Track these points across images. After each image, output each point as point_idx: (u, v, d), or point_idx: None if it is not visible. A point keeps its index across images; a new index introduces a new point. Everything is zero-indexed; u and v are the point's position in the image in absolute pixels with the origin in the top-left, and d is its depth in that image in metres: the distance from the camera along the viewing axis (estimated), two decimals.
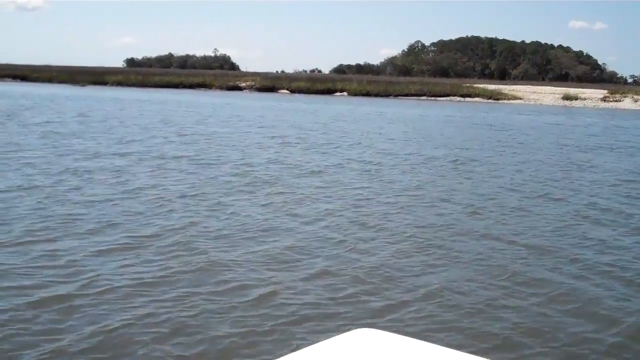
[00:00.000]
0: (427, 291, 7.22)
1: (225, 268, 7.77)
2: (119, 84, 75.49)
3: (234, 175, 14.75)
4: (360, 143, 23.47)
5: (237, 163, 16.69)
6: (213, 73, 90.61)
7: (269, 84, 76.12)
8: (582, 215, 11.84)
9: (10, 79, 79.02)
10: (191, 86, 75.85)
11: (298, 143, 22.35)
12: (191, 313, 6.30)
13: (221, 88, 75.55)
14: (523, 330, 6.29)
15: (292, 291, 7.08)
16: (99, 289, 6.84)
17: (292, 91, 73.63)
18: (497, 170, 17.66)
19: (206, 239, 9.11)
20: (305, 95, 69.77)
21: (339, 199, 12.53)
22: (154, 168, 15.24)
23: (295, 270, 7.89)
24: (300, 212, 11.05)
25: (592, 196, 13.92)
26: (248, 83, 77.00)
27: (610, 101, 69.89)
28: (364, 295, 7.04)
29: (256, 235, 9.45)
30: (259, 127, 28.50)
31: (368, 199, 12.68)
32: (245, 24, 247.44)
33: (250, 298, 6.82)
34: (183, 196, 12.00)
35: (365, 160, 18.53)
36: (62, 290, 6.78)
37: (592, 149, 24.79)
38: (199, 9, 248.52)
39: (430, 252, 8.90)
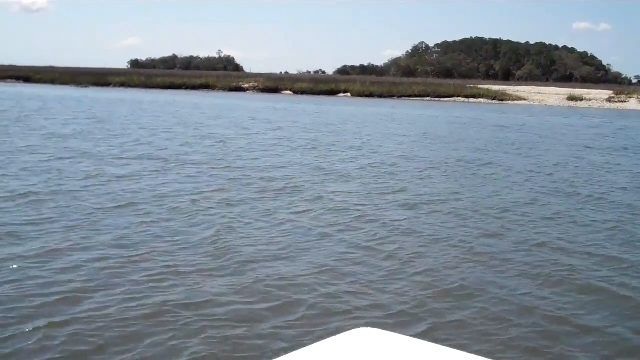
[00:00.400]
0: (503, 309, 6.75)
1: (279, 283, 7.27)
2: (122, 85, 74.99)
3: (265, 180, 14.11)
4: (381, 145, 22.85)
5: (264, 168, 16.07)
6: (216, 74, 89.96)
7: (272, 85, 75.51)
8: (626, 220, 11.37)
9: (13, 80, 78.52)
10: (194, 87, 75.29)
11: (314, 147, 21.49)
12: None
13: (224, 89, 74.96)
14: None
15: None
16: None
17: (295, 92, 73.00)
18: (524, 173, 17.07)
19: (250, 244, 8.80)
20: (309, 96, 69.18)
21: (376, 205, 11.97)
22: (191, 174, 14.67)
23: (343, 280, 7.45)
24: (336, 220, 10.49)
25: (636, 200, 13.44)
26: (251, 84, 76.37)
27: (616, 102, 69.11)
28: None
29: (299, 242, 9.09)
30: (273, 130, 27.72)
31: (405, 204, 12.11)
32: (250, 25, 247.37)
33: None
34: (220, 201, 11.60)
35: (392, 164, 17.87)
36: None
37: (611, 150, 24.19)
38: (203, 11, 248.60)
39: (495, 265, 8.34)
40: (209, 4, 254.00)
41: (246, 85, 76.19)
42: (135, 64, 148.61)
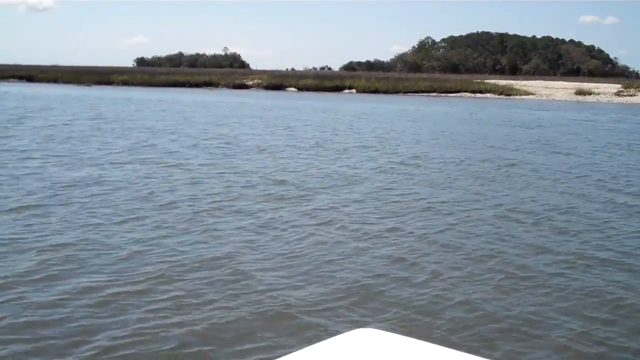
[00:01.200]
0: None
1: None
2: (125, 83, 73.90)
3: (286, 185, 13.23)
4: (399, 145, 21.64)
5: (293, 172, 15.08)
6: (220, 71, 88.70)
7: (277, 81, 74.25)
8: None
9: (15, 80, 77.45)
10: (197, 85, 74.09)
11: (329, 147, 20.30)
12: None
13: (228, 86, 73.74)
14: None
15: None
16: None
17: (300, 89, 71.79)
18: (556, 174, 15.91)
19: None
20: (314, 92, 68.03)
21: (410, 209, 11.24)
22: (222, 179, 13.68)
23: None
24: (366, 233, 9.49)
25: None
26: (255, 81, 75.13)
27: (625, 96, 67.56)
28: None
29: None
30: (285, 129, 26.46)
31: (436, 210, 11.23)
32: (256, 23, 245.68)
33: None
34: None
35: (415, 165, 16.98)
36: None
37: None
38: (210, 8, 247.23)
39: (535, 282, 7.40)
40: (215, 2, 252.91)
41: (250, 82, 74.97)
42: (141, 62, 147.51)
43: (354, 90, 70.96)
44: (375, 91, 70.13)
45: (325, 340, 2.15)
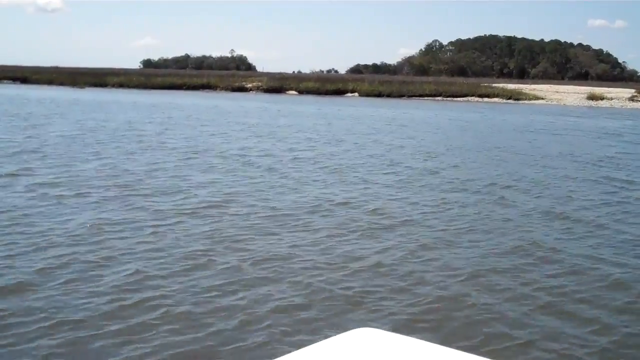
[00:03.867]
0: None
1: None
2: (120, 85, 69.61)
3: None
4: (417, 161, 17.30)
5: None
6: (218, 74, 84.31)
7: (277, 84, 69.65)
8: None
9: (10, 81, 73.20)
10: (195, 87, 69.67)
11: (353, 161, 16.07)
12: None
13: (226, 89, 69.28)
14: None
15: None
16: None
17: (301, 92, 67.30)
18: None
19: None
20: (315, 96, 63.54)
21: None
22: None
23: None
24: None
25: None
26: (254, 84, 70.66)
27: (639, 101, 62.73)
28: None
29: None
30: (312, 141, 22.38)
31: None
32: (263, 25, 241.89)
33: None
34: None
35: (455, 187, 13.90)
36: None
37: None
38: (218, 10, 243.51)
39: None
40: (223, 4, 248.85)
41: (249, 85, 70.50)
42: (147, 63, 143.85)
43: (356, 94, 66.46)
44: (379, 95, 65.59)
45: (325, 340, 2.09)
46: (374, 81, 71.23)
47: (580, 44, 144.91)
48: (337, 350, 2.01)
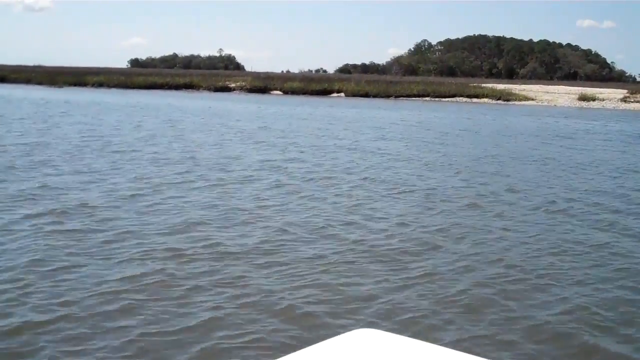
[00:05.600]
0: None
1: None
2: (100, 85, 66.46)
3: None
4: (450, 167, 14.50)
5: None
6: (202, 73, 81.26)
7: (261, 84, 66.67)
8: None
9: None
10: (177, 87, 66.59)
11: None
12: None
13: (209, 89, 66.20)
14: None
15: None
16: None
17: (285, 92, 64.37)
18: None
19: None
20: (300, 96, 60.64)
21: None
22: None
23: None
24: None
25: None
26: (238, 84, 67.64)
27: (632, 102, 60.09)
28: None
29: None
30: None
31: None
32: (253, 25, 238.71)
33: None
34: None
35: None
36: None
37: None
38: (207, 10, 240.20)
39: None
40: (212, 3, 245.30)
41: (233, 85, 67.47)
42: (135, 63, 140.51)
43: (342, 94, 63.58)
44: (365, 95, 62.75)
45: (325, 340, 2.06)
46: (361, 81, 68.33)
47: (569, 44, 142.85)
48: (337, 350, 1.98)
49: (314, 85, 65.47)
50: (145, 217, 9.83)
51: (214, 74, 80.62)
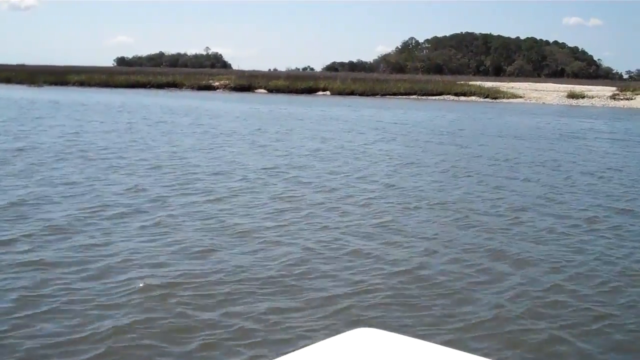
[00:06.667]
0: None
1: None
2: (82, 84, 64.35)
3: None
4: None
5: None
6: (185, 71, 79.26)
7: (245, 82, 64.79)
8: None
9: None
10: (160, 86, 64.55)
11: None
12: None
13: (192, 88, 64.23)
14: None
15: None
16: None
17: (270, 90, 62.57)
18: None
19: None
20: (286, 95, 58.78)
21: None
22: None
23: None
24: None
25: None
26: (222, 82, 65.72)
27: (621, 99, 58.61)
28: None
29: None
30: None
31: None
32: (240, 23, 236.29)
33: None
34: None
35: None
36: None
37: None
38: (194, 8, 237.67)
39: None
40: (199, 1, 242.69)
41: (217, 84, 65.53)
42: (121, 61, 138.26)
43: (328, 92, 61.80)
44: (351, 93, 61.00)
45: (325, 340, 2.03)
46: (347, 79, 66.54)
47: (555, 42, 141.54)
48: (337, 350, 1.96)
49: (299, 83, 63.66)
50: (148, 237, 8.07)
51: (198, 72, 78.62)
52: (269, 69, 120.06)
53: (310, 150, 19.02)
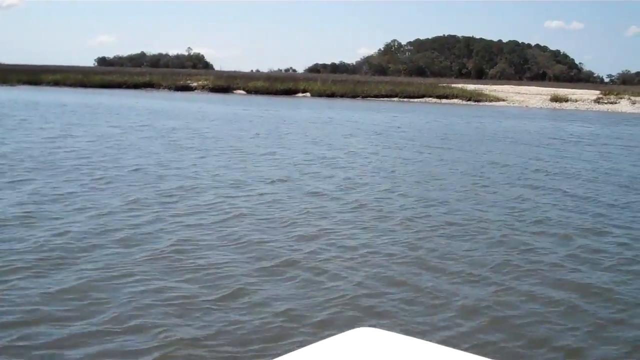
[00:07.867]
0: None
1: None
2: (56, 83, 62.00)
3: None
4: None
5: None
6: (162, 72, 77.11)
7: (223, 83, 62.74)
8: None
9: None
10: (136, 86, 62.32)
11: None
12: None
13: (169, 88, 62.07)
14: None
15: None
16: None
17: (249, 92, 60.57)
18: None
19: None
20: (265, 96, 56.80)
21: None
22: None
23: None
24: None
25: None
26: (200, 83, 63.63)
27: (605, 103, 57.20)
28: None
29: None
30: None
31: None
32: (222, 23, 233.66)
33: None
34: None
35: None
36: None
37: None
38: (176, 9, 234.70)
39: None
40: (181, 2, 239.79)
41: (194, 84, 63.41)
42: (102, 61, 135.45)
43: (308, 94, 59.92)
44: (332, 95, 59.19)
45: (325, 339, 2.01)
46: (328, 81, 64.69)
47: (537, 45, 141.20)
48: (337, 349, 1.93)
49: (278, 84, 61.68)
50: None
51: (175, 72, 76.47)
52: (251, 70, 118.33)
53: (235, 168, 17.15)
